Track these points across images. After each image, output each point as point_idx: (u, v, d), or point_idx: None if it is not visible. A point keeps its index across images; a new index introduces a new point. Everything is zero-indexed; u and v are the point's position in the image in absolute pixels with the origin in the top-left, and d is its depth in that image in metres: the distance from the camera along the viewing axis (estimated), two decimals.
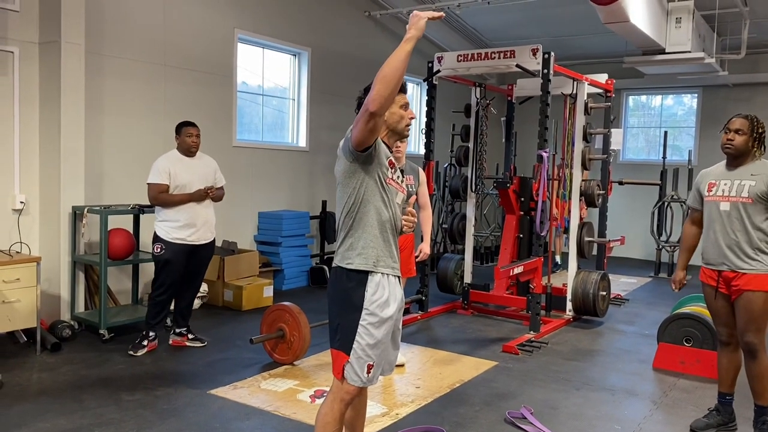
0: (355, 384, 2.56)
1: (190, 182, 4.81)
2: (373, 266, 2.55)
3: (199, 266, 5.01)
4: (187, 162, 4.88)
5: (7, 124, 5.16)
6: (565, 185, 6.42)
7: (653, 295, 7.83)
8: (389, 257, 2.60)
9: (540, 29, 9.60)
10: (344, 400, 2.58)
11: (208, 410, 3.79)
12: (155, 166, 4.80)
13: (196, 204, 4.82)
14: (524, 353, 5.15)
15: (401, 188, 2.69)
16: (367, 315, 2.53)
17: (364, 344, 2.53)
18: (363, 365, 2.53)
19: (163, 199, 4.75)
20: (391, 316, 2.57)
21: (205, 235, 4.92)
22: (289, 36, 7.70)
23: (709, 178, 3.68)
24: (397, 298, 2.63)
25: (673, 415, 3.99)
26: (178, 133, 4.90)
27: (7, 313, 4.55)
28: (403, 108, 2.67)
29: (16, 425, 3.50)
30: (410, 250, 4.74)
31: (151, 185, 4.76)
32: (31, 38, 5.24)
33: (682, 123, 10.88)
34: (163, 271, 4.81)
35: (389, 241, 2.60)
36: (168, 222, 4.78)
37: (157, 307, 4.87)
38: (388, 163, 2.59)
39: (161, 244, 4.77)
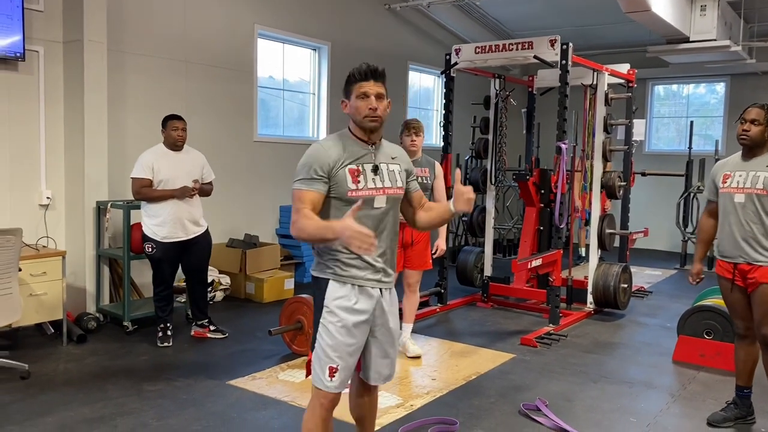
0: (318, 386, 2.47)
1: (174, 177, 4.78)
2: (333, 275, 2.47)
3: (197, 260, 5.04)
4: (173, 156, 4.85)
5: (33, 122, 5.30)
6: (586, 177, 6.37)
7: (678, 287, 7.74)
8: (358, 267, 2.46)
9: (562, 19, 9.50)
10: (323, 405, 2.49)
11: (226, 400, 3.87)
12: (139, 160, 4.80)
13: (178, 200, 4.78)
14: (543, 346, 5.14)
15: (381, 190, 2.49)
16: (327, 314, 2.45)
17: (324, 344, 2.45)
18: (324, 367, 2.44)
19: (145, 193, 4.74)
20: (356, 320, 2.45)
21: (192, 229, 4.90)
22: (309, 30, 7.74)
23: (724, 170, 3.63)
24: (371, 305, 2.49)
25: (691, 408, 3.95)
26: (164, 127, 4.87)
27: (34, 305, 4.69)
28: (361, 97, 2.45)
29: (43, 413, 3.62)
30: (425, 243, 4.75)
31: (134, 179, 4.76)
32: (55, 37, 5.36)
33: (715, 112, 10.64)
34: (158, 269, 4.90)
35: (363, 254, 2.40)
36: (151, 218, 4.79)
37: (162, 302, 4.96)
38: (350, 173, 2.42)
39: (152, 243, 4.81)
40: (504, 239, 9.58)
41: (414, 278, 4.80)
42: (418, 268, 4.76)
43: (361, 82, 2.46)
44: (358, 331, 2.48)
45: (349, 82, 2.50)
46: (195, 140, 5.45)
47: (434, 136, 10.19)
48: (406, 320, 4.88)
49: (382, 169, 2.52)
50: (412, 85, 9.63)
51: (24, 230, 4.46)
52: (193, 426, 3.50)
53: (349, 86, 2.50)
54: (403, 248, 4.66)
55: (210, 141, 6.50)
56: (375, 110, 2.45)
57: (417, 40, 9.38)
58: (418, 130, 4.65)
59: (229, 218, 6.82)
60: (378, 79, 2.47)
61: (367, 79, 2.46)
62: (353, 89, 2.47)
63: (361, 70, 2.47)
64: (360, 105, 2.45)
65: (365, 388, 2.73)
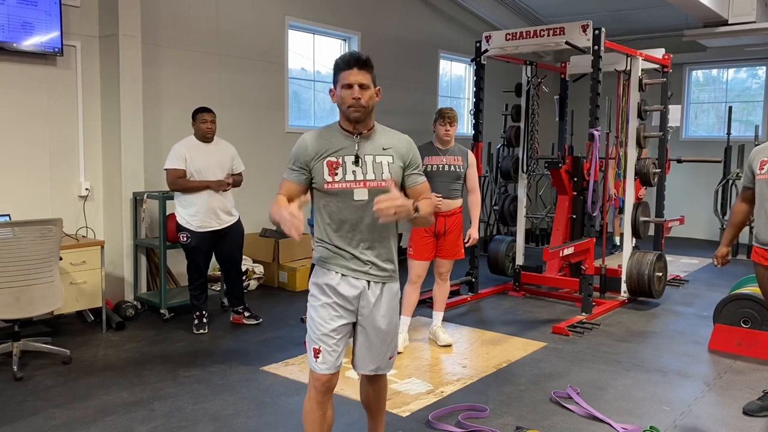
0: (311, 367, 2.51)
1: (206, 167, 4.89)
2: (320, 261, 2.53)
3: (230, 249, 5.14)
4: (204, 148, 4.96)
5: (71, 116, 5.44)
6: (620, 164, 6.28)
7: (715, 275, 7.58)
8: (342, 257, 2.48)
9: (596, 4, 9.33)
10: (316, 387, 2.52)
11: (259, 386, 3.95)
12: (172, 151, 4.92)
13: (212, 191, 4.89)
14: (575, 334, 5.10)
15: (361, 183, 2.45)
16: (310, 296, 2.55)
17: (310, 323, 2.53)
18: (310, 348, 2.51)
19: (181, 184, 4.86)
20: (335, 303, 2.47)
21: (225, 219, 5.00)
22: (339, 21, 7.76)
23: (761, 156, 3.55)
24: (354, 294, 2.49)
25: (726, 397, 3.89)
26: (194, 120, 4.97)
27: (74, 293, 4.83)
28: (345, 87, 2.41)
29: (83, 397, 3.74)
30: (458, 233, 4.75)
31: (168, 170, 4.88)
32: (92, 32, 5.48)
33: (757, 97, 10.34)
34: (193, 259, 5.01)
35: (344, 243, 2.47)
36: (185, 208, 4.91)
37: (197, 290, 5.08)
38: (328, 166, 2.43)
39: (186, 233, 4.92)
40: (537, 228, 9.51)
41: (445, 267, 4.80)
42: (450, 257, 4.77)
43: (346, 71, 2.40)
44: (337, 315, 2.49)
45: (335, 71, 2.46)
46: (228, 132, 5.53)
47: (465, 125, 10.14)
48: (437, 308, 4.90)
49: (366, 161, 2.46)
50: (443, 73, 9.59)
51: (64, 221, 4.59)
52: (227, 410, 3.58)
53: (335, 75, 2.46)
54: (435, 237, 4.67)
55: (242, 132, 6.58)
56: (358, 100, 2.39)
57: (447, 28, 9.33)
58: (452, 119, 4.61)
59: (261, 208, 6.89)
60: (362, 67, 2.40)
61: (351, 68, 2.40)
62: (338, 78, 2.44)
63: (345, 59, 2.42)
64: (344, 95, 2.42)
65: (368, 377, 2.73)
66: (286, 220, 2.23)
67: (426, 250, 4.65)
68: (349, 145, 2.47)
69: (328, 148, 2.45)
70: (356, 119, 2.44)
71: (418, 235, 4.61)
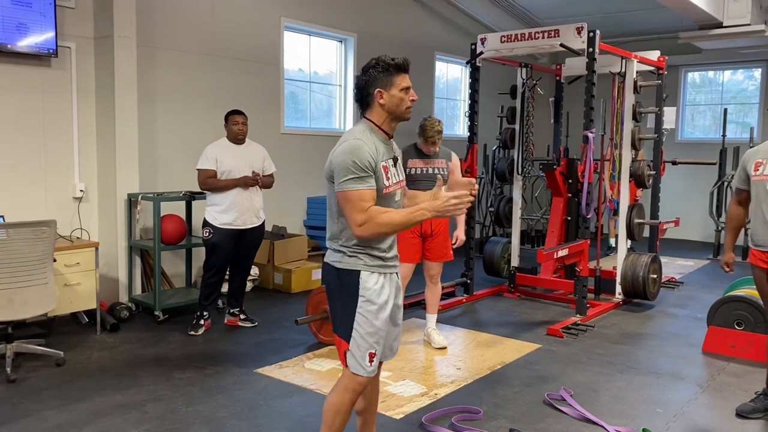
0: (359, 373, 2.53)
1: (236, 168, 4.97)
2: (364, 266, 2.51)
3: (247, 250, 5.18)
4: (235, 149, 5.04)
5: (66, 117, 5.43)
6: (615, 166, 6.29)
7: (710, 277, 7.60)
8: (384, 257, 2.54)
9: (592, 6, 9.35)
10: (356, 390, 2.57)
11: (253, 388, 3.94)
12: (204, 152, 5.01)
13: (241, 189, 4.97)
14: (569, 336, 5.11)
15: (400, 184, 2.61)
16: (364, 302, 2.50)
17: (363, 332, 2.50)
18: (364, 354, 2.51)
19: (211, 183, 4.95)
20: (386, 301, 2.54)
21: (251, 220, 5.06)
22: (335, 22, 7.77)
23: (756, 157, 3.57)
24: (394, 289, 2.61)
25: (720, 399, 3.90)
26: (226, 122, 5.08)
27: (69, 295, 4.82)
28: (404, 91, 2.50)
29: (77, 399, 3.73)
30: (445, 234, 4.74)
31: (200, 171, 4.97)
32: (87, 33, 5.48)
33: (753, 99, 10.37)
34: (212, 255, 5.03)
35: (385, 243, 2.54)
36: (214, 206, 4.98)
37: (209, 288, 5.08)
38: (383, 170, 2.47)
39: (209, 228, 4.98)
40: (532, 230, 9.52)
41: (435, 270, 4.80)
42: (439, 259, 4.77)
43: (402, 75, 2.50)
44: (388, 315, 2.57)
45: (389, 73, 2.48)
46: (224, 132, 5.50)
47: (461, 127, 10.15)
48: (429, 311, 4.90)
49: (398, 163, 2.61)
50: (439, 75, 9.60)
51: (58, 222, 4.58)
52: (221, 412, 3.57)
53: (389, 77, 2.48)
54: (422, 239, 4.67)
55: None
56: (414, 102, 2.53)
57: (443, 30, 9.34)
58: (435, 142, 4.58)
59: None
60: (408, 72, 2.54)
61: (407, 72, 2.52)
62: (395, 81, 2.48)
63: (401, 63, 2.50)
64: (404, 97, 2.50)
65: None
66: (454, 203, 2.34)
67: (412, 251, 4.65)
68: (387, 148, 2.54)
69: (378, 152, 2.48)
70: (407, 120, 2.56)
71: (404, 236, 4.59)
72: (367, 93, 2.52)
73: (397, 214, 2.41)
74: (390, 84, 2.48)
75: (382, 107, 2.50)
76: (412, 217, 2.40)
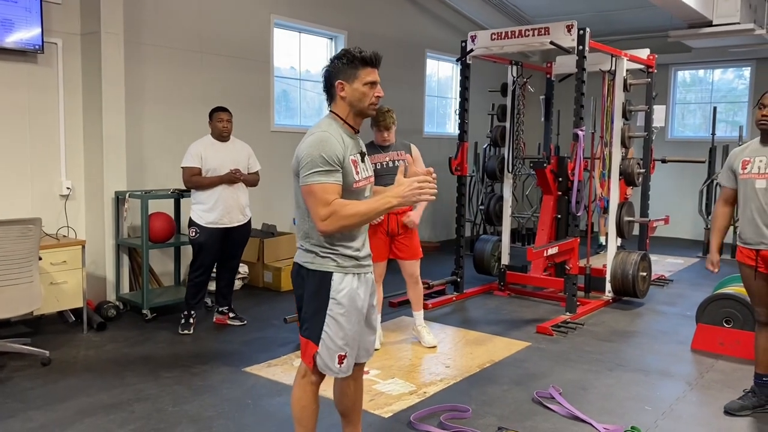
0: (328, 375, 2.52)
1: (221, 166, 4.92)
2: (336, 267, 2.45)
3: (234, 248, 5.14)
4: (219, 146, 4.99)
5: (53, 113, 5.38)
6: (605, 164, 6.29)
7: (699, 275, 7.63)
8: (356, 256, 2.50)
9: (583, 4, 9.36)
10: (315, 382, 2.57)
11: (241, 387, 3.92)
12: (188, 150, 4.96)
13: (226, 187, 4.92)
14: (559, 334, 5.11)
15: (369, 179, 2.55)
16: (335, 305, 2.45)
17: (332, 334, 2.45)
18: (333, 356, 2.47)
19: (196, 181, 4.90)
20: (360, 305, 2.51)
21: (237, 218, 5.02)
22: (325, 19, 7.73)
23: (742, 156, 3.57)
24: (368, 289, 2.57)
25: (708, 397, 3.91)
26: (210, 119, 5.03)
27: (55, 293, 4.77)
28: (369, 86, 2.42)
29: (62, 399, 3.69)
30: (413, 231, 4.68)
31: (185, 168, 4.92)
32: (73, 29, 5.42)
33: (742, 97, 10.40)
34: (199, 254, 4.98)
35: (356, 240, 2.49)
36: (199, 205, 4.94)
37: (196, 287, 5.04)
38: (352, 164, 2.41)
39: (196, 228, 4.93)
40: (523, 228, 9.52)
41: (410, 268, 4.73)
42: (410, 257, 4.70)
43: (369, 68, 2.42)
44: (361, 317, 2.55)
45: (354, 66, 2.40)
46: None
47: (452, 124, 10.14)
48: (415, 308, 4.88)
49: (366, 158, 2.57)
50: (430, 73, 9.58)
51: (45, 220, 4.54)
52: (208, 412, 3.54)
53: (353, 70, 2.40)
54: (390, 237, 4.63)
55: None
56: (379, 98, 2.45)
57: (434, 27, 9.32)
58: (387, 127, 4.44)
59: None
60: (379, 66, 2.46)
61: (375, 66, 2.43)
62: (359, 74, 2.40)
63: (369, 56, 2.41)
64: (367, 92, 2.42)
65: (351, 376, 2.67)
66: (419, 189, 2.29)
67: (381, 250, 4.55)
68: (354, 143, 2.50)
69: (346, 146, 2.42)
70: (370, 116, 2.51)
71: (371, 235, 4.51)
72: (330, 84, 2.46)
73: (361, 204, 2.34)
74: (353, 77, 2.41)
75: (344, 100, 2.44)
76: (377, 206, 2.33)
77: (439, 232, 9.76)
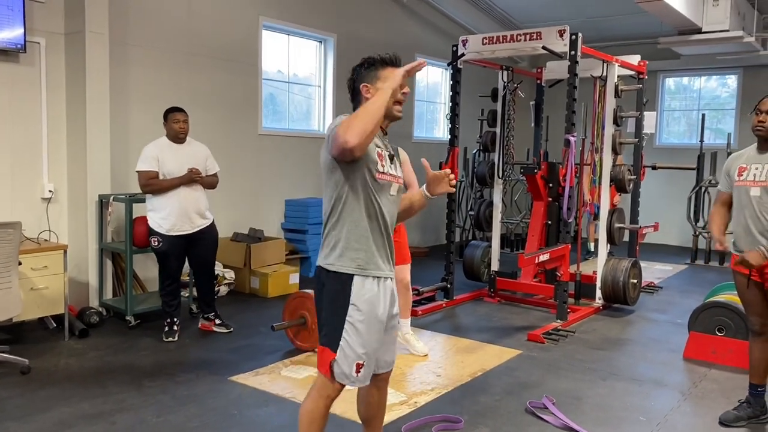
0: (345, 383, 2.44)
1: (178, 169, 4.74)
2: (358, 269, 2.39)
3: (204, 253, 5.00)
4: (176, 148, 4.82)
5: (35, 115, 5.25)
6: (595, 170, 6.26)
7: (689, 282, 7.62)
8: (379, 258, 2.44)
9: (572, 10, 9.36)
10: (330, 396, 2.48)
11: (227, 397, 3.81)
12: (143, 153, 4.76)
13: (183, 190, 4.74)
14: (550, 342, 5.05)
15: (396, 178, 2.50)
16: (354, 311, 2.38)
17: (351, 342, 2.38)
18: (351, 364, 2.40)
19: (153, 185, 4.71)
20: (380, 314, 2.44)
21: (198, 222, 4.85)
22: (315, 22, 7.66)
23: (739, 162, 3.53)
24: (388, 297, 2.50)
25: (703, 407, 3.86)
26: (166, 120, 4.83)
27: (35, 299, 4.64)
28: None
29: (42, 409, 3.57)
30: (403, 238, 4.62)
31: (141, 173, 4.72)
32: (57, 29, 5.30)
33: (727, 105, 10.46)
34: (165, 263, 4.85)
35: (378, 241, 2.43)
36: (157, 212, 4.75)
37: (169, 296, 4.92)
38: (378, 156, 2.39)
39: (158, 237, 4.76)
40: (512, 234, 9.49)
41: (401, 273, 4.62)
42: (402, 262, 4.62)
43: (391, 68, 2.44)
44: (382, 325, 2.47)
45: (375, 68, 2.44)
46: (199, 133, 5.38)
47: (441, 129, 10.10)
48: (403, 315, 4.78)
49: (395, 159, 2.53)
50: (420, 77, 9.53)
51: (26, 224, 4.42)
52: (192, 422, 3.44)
53: (374, 71, 2.43)
54: None
55: (214, 134, 6.43)
56: (406, 95, 2.43)
57: (424, 31, 9.27)
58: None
59: (233, 212, 6.76)
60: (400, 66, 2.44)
61: (395, 66, 2.46)
62: (381, 74, 2.42)
63: (392, 58, 2.45)
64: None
65: (374, 386, 2.64)
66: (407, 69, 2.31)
67: None
68: (381, 140, 2.48)
69: (376, 138, 2.40)
70: (397, 118, 2.46)
71: None
72: (356, 91, 2.46)
73: (367, 105, 2.25)
74: (376, 78, 2.42)
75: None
76: (376, 99, 2.25)
77: (428, 238, 9.70)
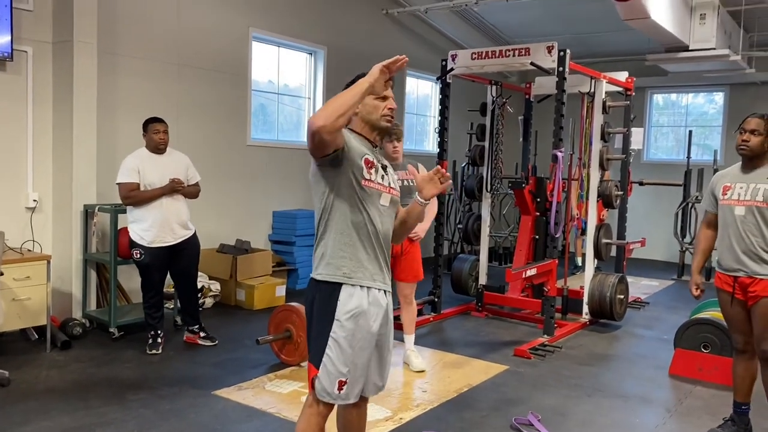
0: (325, 400, 2.38)
1: (160, 180, 4.71)
2: (344, 277, 2.34)
3: (186, 264, 4.96)
4: (156, 159, 4.78)
5: (20, 123, 5.21)
6: (583, 186, 6.28)
7: (675, 298, 7.64)
8: (368, 268, 2.38)
9: (561, 26, 9.44)
10: (321, 413, 2.43)
11: (210, 411, 3.77)
12: (123, 164, 4.72)
13: (165, 201, 4.70)
14: (536, 357, 5.04)
15: (387, 188, 2.45)
16: (338, 327, 2.32)
17: (334, 358, 2.32)
18: (333, 381, 2.34)
19: (134, 196, 4.67)
20: (368, 331, 2.36)
21: (180, 232, 4.82)
22: (305, 34, 7.67)
23: (724, 181, 3.55)
24: (380, 313, 2.41)
25: (688, 424, 3.86)
26: (145, 131, 4.80)
27: (17, 310, 4.58)
28: (379, 99, 2.41)
29: (21, 423, 3.51)
30: (415, 254, 4.63)
31: (121, 185, 4.67)
32: (45, 38, 5.27)
33: (714, 122, 10.57)
34: (147, 276, 4.80)
35: (368, 250, 2.38)
36: (138, 223, 4.71)
37: (152, 308, 4.87)
38: (365, 162, 2.36)
39: (139, 249, 4.71)
40: (500, 247, 9.50)
41: (408, 289, 4.69)
42: (411, 280, 4.65)
43: None
44: (369, 343, 2.39)
45: None
46: (187, 143, 5.37)
47: (431, 143, 10.12)
48: (407, 331, 4.78)
49: (389, 171, 2.51)
50: (410, 91, 9.56)
51: (9, 233, 4.36)
52: None
53: None
54: (393, 258, 4.55)
55: (202, 145, 6.41)
56: (393, 110, 2.43)
57: (414, 45, 9.31)
58: (399, 135, 4.45)
59: (220, 223, 6.72)
60: (392, 81, 2.46)
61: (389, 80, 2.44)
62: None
63: None
64: (378, 104, 2.42)
65: (353, 405, 2.56)
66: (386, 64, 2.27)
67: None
68: (372, 151, 2.46)
69: (361, 146, 2.40)
70: (386, 129, 2.47)
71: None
72: None
73: (342, 94, 2.22)
74: None
75: (357, 115, 2.41)
76: (356, 91, 2.21)
77: None
